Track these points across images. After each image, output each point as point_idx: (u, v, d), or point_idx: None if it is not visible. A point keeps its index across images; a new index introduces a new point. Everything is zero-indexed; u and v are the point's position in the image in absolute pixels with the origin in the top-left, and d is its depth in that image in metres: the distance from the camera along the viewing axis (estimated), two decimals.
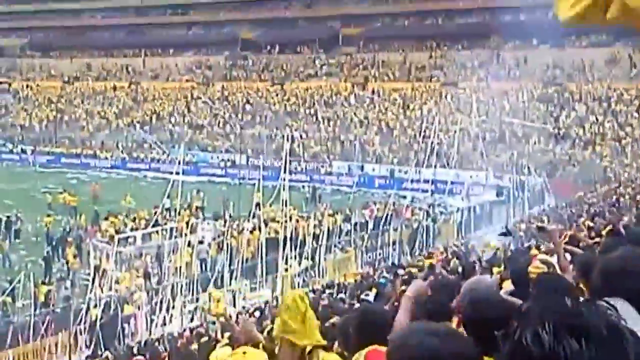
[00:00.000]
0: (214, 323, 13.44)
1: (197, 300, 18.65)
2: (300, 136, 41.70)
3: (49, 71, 67.92)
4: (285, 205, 20.79)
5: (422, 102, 48.56)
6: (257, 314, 14.03)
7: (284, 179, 21.30)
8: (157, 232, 23.63)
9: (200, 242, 22.60)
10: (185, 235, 21.31)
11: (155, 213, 24.53)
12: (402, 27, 59.58)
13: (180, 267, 19.91)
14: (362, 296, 10.24)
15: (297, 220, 23.49)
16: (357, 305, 9.00)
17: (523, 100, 45.74)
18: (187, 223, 23.01)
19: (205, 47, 65.09)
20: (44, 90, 64.13)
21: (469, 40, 54.07)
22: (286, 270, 19.56)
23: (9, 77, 68.48)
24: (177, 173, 23.09)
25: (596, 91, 44.85)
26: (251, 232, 22.72)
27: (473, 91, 45.22)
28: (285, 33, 63.05)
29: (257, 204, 25.34)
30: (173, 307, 18.15)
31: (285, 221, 20.31)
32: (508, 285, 4.57)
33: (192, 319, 17.99)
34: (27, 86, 65.48)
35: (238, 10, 65.69)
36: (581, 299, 2.67)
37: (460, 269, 10.32)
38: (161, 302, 17.89)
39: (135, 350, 13.97)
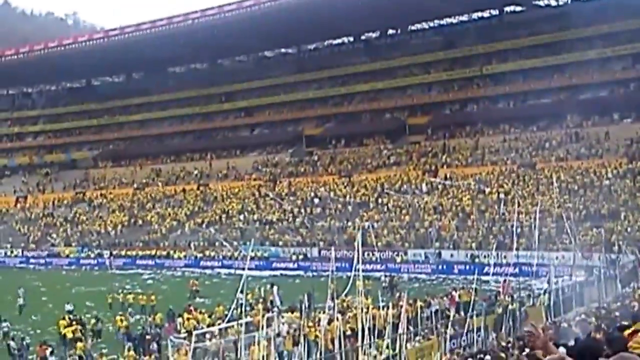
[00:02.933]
0: None
1: None
2: (372, 226, 42.37)
3: (120, 179, 72.49)
4: (361, 296, 21.16)
5: (498, 185, 48.68)
6: None
7: (358, 270, 21.76)
8: (232, 326, 24.28)
9: (278, 335, 23.05)
10: (262, 328, 21.85)
11: (230, 308, 25.27)
12: (470, 113, 60.45)
13: None
14: None
15: (375, 310, 23.73)
16: None
17: (608, 177, 45.29)
18: (263, 317, 23.62)
19: (270, 146, 68.40)
20: (117, 197, 68.14)
21: (545, 121, 54.30)
22: None
23: (83, 188, 73.44)
24: (250, 269, 23.91)
25: None
26: (328, 323, 23.06)
27: (553, 171, 45.06)
28: (349, 127, 65.37)
29: (332, 296, 25.76)
30: None
31: (363, 311, 20.62)
32: None
33: None
34: (101, 195, 70.03)
35: (300, 109, 68.70)
36: None
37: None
38: None
39: None
